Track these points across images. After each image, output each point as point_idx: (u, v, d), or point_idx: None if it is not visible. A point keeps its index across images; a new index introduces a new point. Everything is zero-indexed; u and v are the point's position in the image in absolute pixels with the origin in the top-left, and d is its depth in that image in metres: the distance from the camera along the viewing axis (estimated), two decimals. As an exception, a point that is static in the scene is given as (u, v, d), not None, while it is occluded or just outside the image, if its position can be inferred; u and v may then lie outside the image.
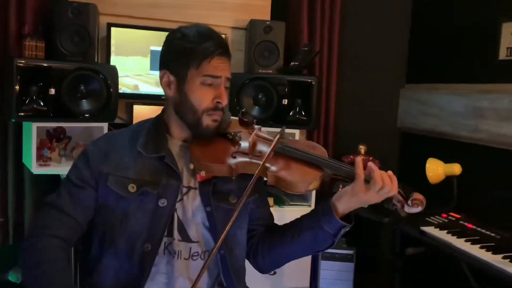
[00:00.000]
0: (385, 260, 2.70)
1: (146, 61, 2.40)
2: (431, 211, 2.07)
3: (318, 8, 2.60)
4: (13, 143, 2.22)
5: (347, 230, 1.20)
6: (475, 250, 1.70)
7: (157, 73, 1.73)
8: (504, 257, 1.61)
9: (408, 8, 2.90)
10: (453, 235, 1.84)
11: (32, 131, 2.00)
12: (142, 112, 2.38)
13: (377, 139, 2.72)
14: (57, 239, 1.13)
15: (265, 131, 1.31)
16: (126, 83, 2.36)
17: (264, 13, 2.60)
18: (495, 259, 1.62)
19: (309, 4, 2.60)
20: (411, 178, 2.57)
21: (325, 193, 1.32)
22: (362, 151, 2.63)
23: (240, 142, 1.24)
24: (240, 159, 1.21)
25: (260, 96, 2.36)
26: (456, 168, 2.11)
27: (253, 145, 1.24)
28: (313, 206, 2.36)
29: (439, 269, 2.32)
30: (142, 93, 2.42)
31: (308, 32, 2.61)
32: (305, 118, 2.37)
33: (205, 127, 1.21)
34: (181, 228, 1.21)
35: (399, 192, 1.16)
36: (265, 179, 1.23)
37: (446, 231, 1.88)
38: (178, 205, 1.21)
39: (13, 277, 2.07)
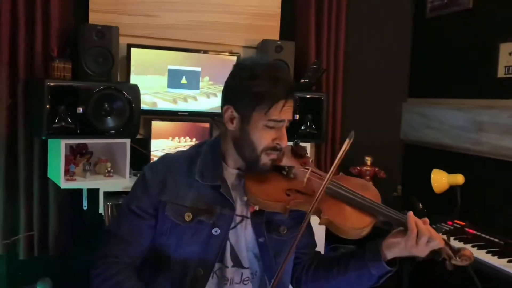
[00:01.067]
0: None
1: (164, 79, 2.50)
2: (437, 218, 2.20)
3: (325, 29, 2.74)
4: (39, 158, 2.29)
5: (391, 273, 1.23)
6: (482, 255, 1.82)
7: (174, 90, 1.85)
8: (509, 261, 1.73)
9: (409, 27, 3.03)
10: (460, 241, 1.96)
11: (60, 148, 2.09)
12: (160, 128, 2.49)
13: (381, 150, 2.84)
14: (124, 264, 1.21)
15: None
16: (145, 100, 2.44)
17: (273, 33, 2.73)
18: (501, 263, 1.74)
19: (316, 24, 2.73)
20: (415, 188, 2.72)
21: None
22: (368, 162, 2.77)
23: (294, 178, 1.26)
24: (294, 196, 1.23)
25: (271, 112, 2.49)
26: (459, 178, 2.25)
27: (308, 182, 1.26)
28: None
29: (446, 275, 2.43)
30: (160, 109, 2.52)
31: (316, 51, 2.73)
32: (316, 132, 2.50)
33: (262, 165, 1.24)
34: (233, 255, 1.27)
35: (449, 247, 1.20)
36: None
37: (453, 237, 1.98)
38: (231, 232, 1.26)
39: (41, 286, 2.15)
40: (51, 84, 2.03)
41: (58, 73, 2.13)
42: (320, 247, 1.75)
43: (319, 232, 1.64)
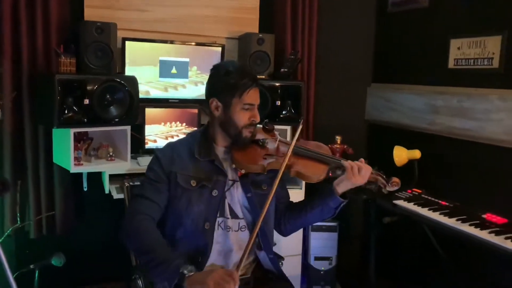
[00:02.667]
0: (360, 230, 3.20)
1: (156, 69, 2.67)
2: (400, 187, 2.54)
3: (300, 22, 2.96)
4: (44, 146, 2.45)
5: (344, 204, 1.67)
6: (436, 216, 2.15)
7: (166, 79, 2.10)
8: (457, 220, 2.08)
9: (373, 21, 3.30)
10: (418, 205, 2.29)
11: (70, 136, 2.26)
12: (153, 114, 2.68)
13: (349, 130, 3.08)
14: (148, 216, 1.55)
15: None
16: (139, 90, 2.63)
17: (253, 26, 2.94)
18: (451, 222, 2.08)
19: (292, 18, 2.94)
20: (378, 162, 3.06)
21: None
22: (338, 141, 3.01)
23: (267, 147, 1.69)
24: (269, 160, 1.66)
25: (256, 98, 2.75)
26: (416, 153, 2.47)
27: (277, 148, 1.69)
28: (303, 189, 2.75)
29: (406, 233, 2.81)
30: (153, 97, 2.69)
31: (292, 42, 2.96)
32: (295, 116, 2.76)
33: (244, 137, 1.66)
34: (231, 209, 1.66)
35: (381, 177, 1.64)
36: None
37: (412, 202, 2.33)
38: (227, 193, 1.67)
39: (55, 261, 2.29)
40: (61, 78, 2.17)
41: (64, 67, 2.28)
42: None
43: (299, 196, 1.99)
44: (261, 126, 1.75)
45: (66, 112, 2.21)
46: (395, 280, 2.80)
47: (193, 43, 2.77)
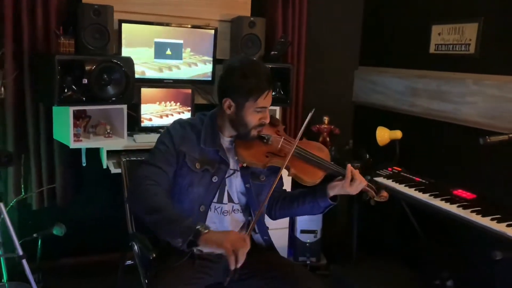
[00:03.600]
0: (344, 205, 3.37)
1: (151, 51, 2.76)
2: (380, 165, 2.66)
3: (290, 6, 3.05)
4: (44, 123, 2.58)
5: (332, 206, 1.76)
6: (412, 192, 2.32)
7: (160, 61, 2.16)
8: (430, 195, 2.25)
9: (361, 6, 3.41)
10: (396, 182, 2.45)
11: (69, 114, 2.38)
12: (148, 94, 2.80)
13: (336, 111, 3.24)
14: (156, 183, 1.60)
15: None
16: (135, 70, 2.70)
17: (245, 9, 3.03)
18: (424, 197, 2.25)
19: (283, 2, 3.04)
20: (363, 141, 3.20)
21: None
22: (326, 121, 3.16)
23: (271, 144, 1.73)
24: (271, 158, 1.70)
25: (247, 80, 2.87)
26: (398, 134, 2.61)
27: (280, 147, 1.73)
28: None
29: (385, 208, 2.96)
30: (148, 77, 2.79)
31: (282, 25, 3.06)
32: (284, 97, 2.89)
33: (251, 136, 1.70)
34: (228, 195, 1.76)
35: (373, 189, 1.74)
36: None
37: (391, 179, 2.49)
38: (227, 180, 1.74)
39: (56, 230, 2.45)
40: (61, 58, 2.28)
41: (64, 48, 2.39)
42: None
43: (287, 183, 2.16)
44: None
45: (65, 91, 2.33)
46: (376, 253, 2.97)
47: (187, 26, 2.87)
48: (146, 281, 1.77)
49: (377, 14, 3.33)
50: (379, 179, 2.54)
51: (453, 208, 2.10)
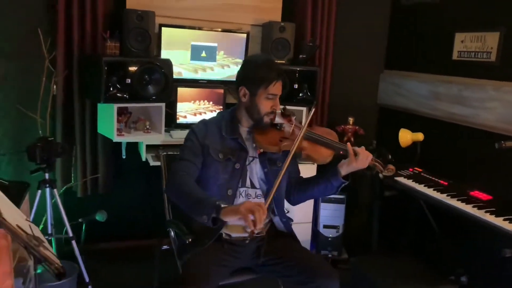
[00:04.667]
0: (366, 203, 3.50)
1: (188, 53, 2.96)
2: (402, 166, 2.76)
3: (319, 11, 3.19)
4: (90, 118, 2.82)
5: (345, 184, 1.94)
6: (430, 192, 2.43)
7: (196, 62, 2.35)
8: (447, 195, 2.36)
9: (388, 12, 3.51)
10: (416, 182, 2.56)
11: (114, 110, 2.60)
12: (184, 93, 3.00)
13: (361, 112, 3.38)
14: (186, 173, 1.84)
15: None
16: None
17: (276, 14, 3.19)
18: (442, 197, 2.36)
19: (312, 7, 3.18)
20: (386, 142, 3.31)
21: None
22: (351, 122, 3.28)
23: (284, 130, 1.95)
24: (284, 142, 1.90)
25: (276, 81, 3.03)
26: (420, 136, 2.70)
27: (292, 132, 1.93)
28: (315, 164, 3.00)
29: (405, 207, 3.09)
30: (184, 78, 2.99)
31: (311, 30, 3.21)
32: (311, 98, 3.02)
33: (265, 122, 1.94)
34: (250, 181, 1.98)
35: (379, 163, 1.90)
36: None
37: (412, 180, 2.60)
38: (248, 167, 1.96)
39: (99, 216, 2.65)
40: (107, 60, 2.50)
41: (110, 51, 2.62)
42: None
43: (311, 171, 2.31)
44: (279, 111, 2.00)
45: (111, 89, 2.54)
46: (395, 248, 3.10)
47: (221, 30, 3.05)
48: (181, 263, 1.97)
49: (403, 20, 3.43)
50: (400, 179, 2.66)
51: (469, 208, 2.22)
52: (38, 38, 2.64)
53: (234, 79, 2.00)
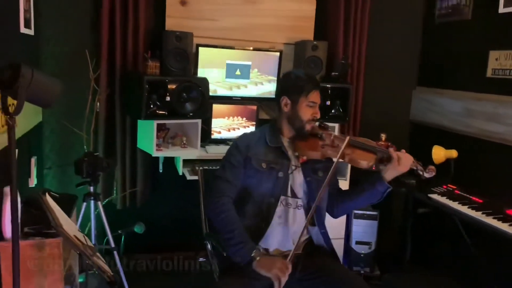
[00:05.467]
0: (398, 219, 3.47)
1: (223, 71, 3.06)
2: (435, 182, 2.77)
3: (351, 30, 3.25)
4: (130, 134, 2.95)
5: (390, 190, 1.95)
6: (465, 209, 2.44)
7: (231, 80, 2.51)
8: (482, 213, 2.36)
9: (420, 30, 3.53)
10: (450, 199, 2.57)
11: (153, 127, 2.72)
12: (219, 109, 3.10)
13: (393, 129, 3.24)
14: (228, 197, 1.91)
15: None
16: None
17: (309, 32, 3.26)
18: (477, 215, 2.36)
19: (344, 25, 3.24)
20: (419, 159, 3.27)
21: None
22: (383, 138, 3.26)
23: (325, 139, 2.02)
24: (326, 149, 1.98)
25: (309, 98, 3.10)
26: (453, 153, 2.58)
27: (333, 141, 2.00)
28: (347, 180, 3.10)
29: (439, 223, 3.07)
30: (219, 95, 3.09)
31: (343, 47, 3.26)
32: (343, 115, 3.08)
33: (306, 130, 2.03)
34: (291, 190, 2.03)
35: (421, 165, 1.94)
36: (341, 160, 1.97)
37: (445, 197, 2.61)
38: (290, 176, 2.02)
39: (137, 228, 2.75)
40: (149, 79, 2.63)
41: (151, 70, 2.74)
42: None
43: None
44: (317, 124, 2.08)
45: (151, 106, 2.67)
46: (428, 266, 3.08)
47: (255, 49, 3.15)
48: (217, 275, 2.04)
49: (435, 38, 3.44)
50: (434, 196, 2.67)
51: (505, 227, 2.21)
52: (85, 59, 2.79)
53: (267, 96, 2.09)
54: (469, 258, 2.83)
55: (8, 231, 1.54)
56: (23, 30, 2.29)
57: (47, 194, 1.41)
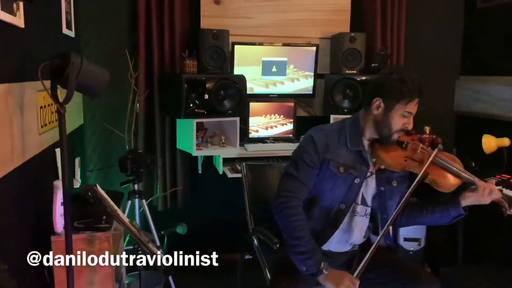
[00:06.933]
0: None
1: (259, 69, 3.04)
2: (488, 173, 2.62)
3: (389, 20, 3.16)
4: (169, 134, 2.94)
5: (462, 217, 1.80)
6: None
7: (267, 77, 2.30)
8: None
9: (462, 15, 3.40)
10: (506, 188, 2.42)
11: (193, 126, 2.71)
12: (256, 108, 3.07)
13: (437, 121, 3.20)
14: (297, 199, 1.76)
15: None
16: None
17: (345, 26, 3.20)
18: None
19: (382, 15, 3.16)
20: (467, 150, 3.17)
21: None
22: (427, 131, 3.15)
23: (409, 150, 1.81)
24: (409, 162, 1.78)
25: (348, 91, 2.99)
26: (506, 141, 2.58)
27: (417, 154, 1.80)
28: None
29: (491, 217, 2.89)
30: (256, 93, 3.06)
31: (381, 38, 3.18)
32: None
33: (393, 140, 1.79)
34: (362, 197, 1.87)
35: (506, 201, 1.75)
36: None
37: (500, 186, 2.47)
38: (364, 182, 1.84)
39: (180, 229, 2.73)
40: (187, 77, 2.63)
41: (189, 69, 2.75)
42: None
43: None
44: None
45: (190, 105, 2.66)
46: (480, 264, 2.92)
47: (290, 44, 3.10)
48: (269, 269, 1.97)
49: (479, 22, 3.31)
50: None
51: None
52: (123, 61, 2.81)
53: (304, 93, 1.92)
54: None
55: (59, 225, 1.54)
56: (65, 31, 2.32)
57: (97, 186, 1.40)
